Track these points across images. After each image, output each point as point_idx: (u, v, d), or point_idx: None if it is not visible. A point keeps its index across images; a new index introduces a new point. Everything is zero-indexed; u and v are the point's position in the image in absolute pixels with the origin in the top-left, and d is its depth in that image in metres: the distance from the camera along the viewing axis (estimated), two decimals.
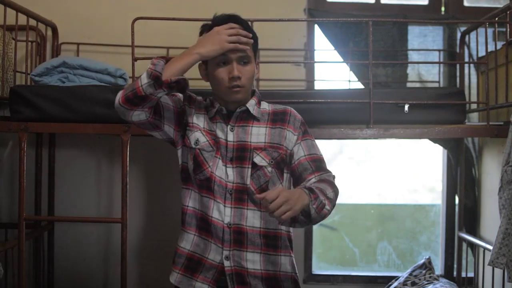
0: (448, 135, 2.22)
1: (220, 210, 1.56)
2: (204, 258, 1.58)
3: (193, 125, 1.61)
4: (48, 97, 2.16)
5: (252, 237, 1.56)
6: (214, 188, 1.56)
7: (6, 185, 2.91)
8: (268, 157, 1.57)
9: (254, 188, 1.56)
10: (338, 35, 2.98)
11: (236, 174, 1.56)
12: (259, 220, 1.57)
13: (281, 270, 1.61)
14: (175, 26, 2.45)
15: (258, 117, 1.61)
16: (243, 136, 1.59)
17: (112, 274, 2.91)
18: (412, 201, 3.87)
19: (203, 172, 1.57)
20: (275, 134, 1.60)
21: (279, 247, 1.60)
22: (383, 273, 3.32)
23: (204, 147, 1.58)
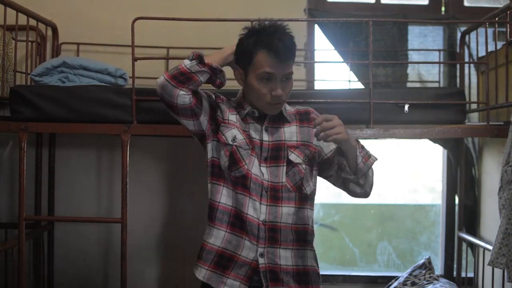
0: (448, 135, 2.22)
1: (255, 207, 1.57)
2: (236, 255, 1.58)
3: (229, 122, 1.63)
4: (48, 97, 2.16)
5: (285, 234, 1.59)
6: (250, 185, 1.58)
7: (6, 185, 2.90)
8: (302, 154, 1.62)
9: (290, 185, 1.60)
10: (338, 35, 2.98)
11: (270, 173, 1.59)
12: (292, 216, 1.60)
13: (308, 264, 1.64)
14: (175, 26, 2.45)
15: (288, 119, 1.66)
16: (278, 136, 1.63)
17: (112, 274, 2.91)
18: (412, 201, 3.88)
19: (240, 169, 1.58)
20: (304, 132, 1.65)
21: (307, 242, 1.64)
22: (383, 273, 3.33)
23: (242, 144, 1.59)
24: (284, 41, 1.52)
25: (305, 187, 1.62)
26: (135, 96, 2.14)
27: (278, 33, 1.54)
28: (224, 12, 2.76)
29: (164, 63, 2.93)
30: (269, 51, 1.51)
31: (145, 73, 2.76)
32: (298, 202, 1.61)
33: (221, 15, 2.29)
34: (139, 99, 2.16)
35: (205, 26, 2.76)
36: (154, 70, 2.89)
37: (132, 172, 2.33)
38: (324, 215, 3.64)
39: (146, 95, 2.18)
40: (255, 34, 1.56)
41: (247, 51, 1.55)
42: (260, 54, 1.53)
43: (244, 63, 1.58)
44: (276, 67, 1.52)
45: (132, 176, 2.44)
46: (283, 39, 1.52)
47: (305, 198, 1.63)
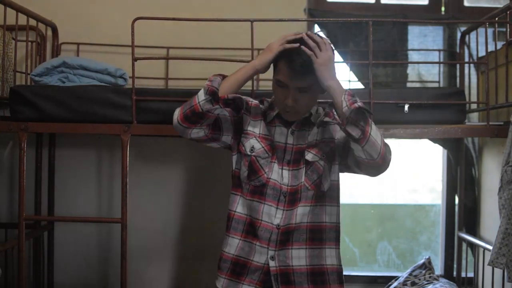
0: (448, 135, 2.22)
1: (270, 213, 1.59)
2: (249, 260, 1.60)
3: (248, 132, 1.65)
4: (48, 97, 2.15)
5: (298, 234, 1.59)
6: (267, 192, 1.59)
7: (6, 185, 2.90)
8: (319, 152, 1.62)
9: (309, 184, 1.60)
10: (338, 35, 2.98)
11: (291, 176, 1.60)
12: (307, 215, 1.60)
13: (327, 263, 1.63)
14: (175, 26, 2.45)
15: (314, 122, 1.66)
16: (302, 139, 1.64)
17: (112, 274, 2.91)
18: (412, 201, 3.88)
19: (259, 178, 1.60)
20: (326, 130, 1.66)
21: (324, 240, 1.62)
22: (383, 273, 3.33)
23: (260, 153, 1.61)
24: (303, 57, 1.52)
25: (323, 184, 1.62)
26: (135, 96, 2.14)
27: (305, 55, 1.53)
28: (224, 12, 2.77)
29: (164, 63, 2.93)
30: (286, 62, 1.54)
31: (145, 73, 2.77)
32: (314, 200, 1.61)
33: (221, 15, 2.29)
34: (139, 99, 2.15)
35: (205, 26, 2.76)
36: (154, 70, 2.90)
37: (132, 172, 2.33)
38: None
39: (146, 95, 2.18)
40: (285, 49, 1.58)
41: (277, 55, 1.59)
42: (281, 63, 1.56)
43: (274, 69, 1.63)
44: (289, 78, 1.53)
45: (132, 176, 2.44)
46: (303, 55, 1.52)
47: (323, 195, 1.62)
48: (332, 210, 1.65)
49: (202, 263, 2.87)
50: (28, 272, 2.82)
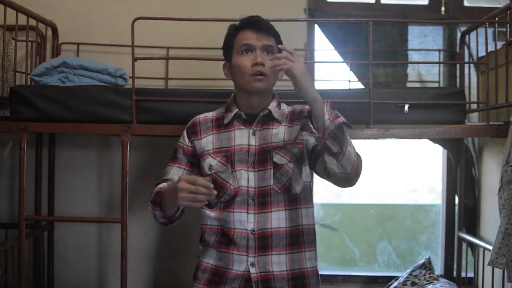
0: (448, 135, 2.22)
1: (241, 219, 1.57)
2: (228, 270, 1.58)
3: (203, 153, 1.64)
4: (48, 97, 2.15)
5: (277, 239, 1.57)
6: (236, 199, 1.57)
7: (6, 185, 2.90)
8: (288, 154, 1.59)
9: (278, 187, 1.58)
10: (338, 35, 2.97)
11: (258, 178, 1.58)
12: (285, 220, 1.58)
13: (307, 266, 1.62)
14: (175, 26, 2.45)
15: (279, 119, 1.64)
16: (265, 139, 1.61)
17: (112, 274, 2.91)
18: (412, 201, 3.88)
19: (227, 192, 1.59)
20: (294, 130, 1.63)
21: (302, 243, 1.61)
22: (383, 273, 3.32)
23: (218, 168, 1.60)
24: (261, 18, 1.59)
25: (294, 187, 1.59)
26: (135, 96, 2.14)
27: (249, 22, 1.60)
28: (224, 12, 2.76)
29: (164, 63, 2.93)
30: (246, 27, 1.58)
31: (145, 73, 2.77)
32: (288, 204, 1.59)
33: (221, 15, 2.29)
34: (139, 99, 2.15)
35: (205, 26, 2.75)
36: (154, 70, 2.90)
37: (132, 172, 2.34)
38: (324, 215, 3.64)
39: (146, 95, 2.18)
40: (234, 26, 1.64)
41: (229, 39, 1.63)
42: (239, 34, 1.59)
43: (228, 52, 1.64)
44: (254, 38, 1.56)
45: (132, 176, 2.45)
46: (260, 18, 1.60)
47: (296, 198, 1.61)
48: (308, 212, 1.63)
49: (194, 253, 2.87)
50: (28, 272, 2.81)
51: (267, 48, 1.58)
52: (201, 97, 2.17)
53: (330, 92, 2.32)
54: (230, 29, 1.66)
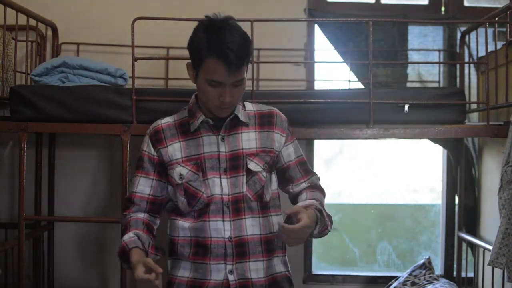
0: (448, 135, 2.22)
1: (218, 227, 1.53)
2: (206, 280, 1.54)
3: (171, 162, 1.57)
4: (48, 97, 2.16)
5: (253, 246, 1.55)
6: (211, 208, 1.53)
7: (6, 185, 2.90)
8: (262, 162, 1.57)
9: (251, 195, 1.55)
10: (338, 35, 2.97)
11: (231, 184, 1.54)
12: (259, 227, 1.56)
13: (276, 271, 1.60)
14: (175, 26, 2.44)
15: (246, 122, 1.59)
16: (235, 145, 1.56)
17: (112, 274, 2.91)
18: (412, 201, 3.88)
19: (200, 200, 1.54)
20: (264, 138, 1.59)
21: (273, 250, 1.60)
22: (383, 273, 3.32)
23: (190, 177, 1.54)
24: (234, 48, 1.41)
25: (265, 195, 1.58)
26: (135, 96, 2.14)
27: (227, 37, 1.42)
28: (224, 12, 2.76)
29: (164, 63, 2.93)
30: (218, 59, 1.41)
31: (145, 73, 2.77)
32: (261, 211, 1.57)
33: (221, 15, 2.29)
34: (139, 99, 2.16)
35: None
36: (154, 70, 2.90)
37: (132, 172, 2.33)
38: None
39: (146, 95, 2.19)
40: (204, 32, 1.46)
41: (197, 53, 1.46)
42: (210, 60, 1.43)
43: (194, 63, 1.50)
44: (225, 76, 1.43)
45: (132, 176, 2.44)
46: (233, 46, 1.41)
47: (266, 205, 1.59)
48: (276, 219, 1.61)
49: None
50: (28, 272, 2.81)
51: (236, 84, 1.47)
52: None
53: (330, 92, 2.32)
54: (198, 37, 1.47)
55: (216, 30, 1.45)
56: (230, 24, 1.48)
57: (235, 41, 1.43)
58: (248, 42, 1.49)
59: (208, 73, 1.45)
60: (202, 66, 1.46)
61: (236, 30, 1.47)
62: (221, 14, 1.52)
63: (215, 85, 1.46)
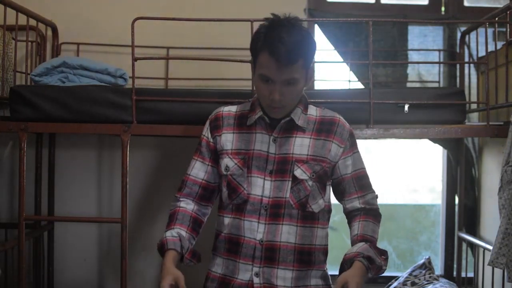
0: (448, 135, 2.22)
1: (252, 228, 1.52)
2: (234, 278, 1.55)
3: (222, 152, 1.58)
4: (48, 97, 2.15)
5: (285, 254, 1.52)
6: (247, 207, 1.52)
7: (6, 185, 2.90)
8: (309, 170, 1.52)
9: (294, 202, 1.52)
10: (338, 35, 2.98)
11: (274, 187, 1.52)
12: (295, 235, 1.53)
13: (311, 284, 1.57)
14: (175, 26, 2.45)
15: (303, 127, 1.55)
16: (286, 148, 1.53)
17: (112, 275, 2.91)
18: (412, 201, 3.88)
19: (240, 195, 1.54)
20: (319, 146, 1.54)
21: (312, 263, 1.57)
22: None
23: (234, 171, 1.54)
24: (287, 43, 1.39)
25: (311, 205, 1.54)
26: (135, 96, 2.14)
27: (283, 32, 1.42)
28: (224, 12, 2.77)
29: (164, 63, 2.93)
30: (269, 54, 1.41)
31: (145, 73, 2.77)
32: (301, 221, 1.53)
33: (221, 15, 2.29)
34: (139, 99, 2.15)
35: (205, 26, 2.76)
36: (154, 70, 2.90)
37: (132, 172, 2.33)
38: None
39: (146, 95, 2.18)
40: (265, 28, 1.48)
41: (254, 47, 1.48)
42: (262, 55, 1.44)
43: (252, 59, 1.51)
44: (275, 71, 1.42)
45: (132, 176, 2.45)
46: (286, 42, 1.40)
47: (312, 216, 1.55)
48: (323, 232, 1.60)
49: (202, 262, 2.87)
50: (28, 272, 2.81)
51: (288, 81, 1.44)
52: (201, 97, 2.17)
53: (330, 92, 2.32)
54: (259, 34, 1.48)
55: (276, 26, 1.46)
56: (292, 22, 1.47)
57: (291, 37, 1.41)
58: (308, 41, 1.46)
59: (260, 67, 1.45)
60: (257, 60, 1.47)
61: (297, 28, 1.46)
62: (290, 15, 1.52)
63: (266, 81, 1.45)
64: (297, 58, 1.42)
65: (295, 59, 1.41)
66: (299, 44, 1.42)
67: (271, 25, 1.48)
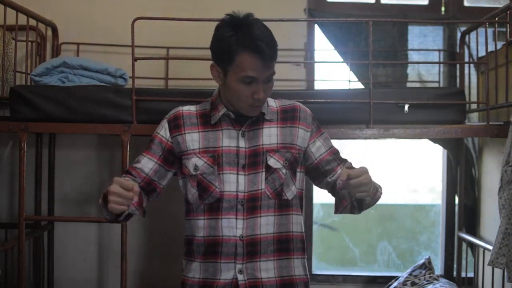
0: (448, 135, 2.22)
1: (230, 225, 1.50)
2: (216, 280, 1.52)
3: (188, 152, 1.53)
4: (48, 97, 2.16)
5: (265, 245, 1.51)
6: (223, 206, 1.50)
7: (6, 185, 2.91)
8: (282, 159, 1.52)
9: (270, 192, 1.51)
10: (338, 35, 2.98)
11: (248, 181, 1.50)
12: (273, 225, 1.52)
13: (296, 274, 1.56)
14: (175, 26, 2.45)
15: (270, 119, 1.55)
16: (255, 140, 1.53)
17: (112, 274, 2.91)
18: (412, 201, 3.88)
19: (212, 194, 1.51)
20: (286, 133, 1.55)
21: (291, 250, 1.56)
22: (383, 273, 3.33)
23: (204, 170, 1.51)
24: (265, 40, 1.40)
25: (286, 193, 1.53)
26: (135, 96, 2.14)
27: (256, 30, 1.41)
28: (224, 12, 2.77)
29: (164, 63, 2.93)
30: (253, 53, 1.38)
31: (145, 73, 2.77)
32: (278, 210, 1.53)
33: (221, 15, 2.28)
34: (139, 99, 2.16)
35: (205, 26, 2.74)
36: (154, 70, 2.90)
37: None
38: (324, 215, 3.64)
39: (146, 95, 2.19)
40: (230, 29, 1.43)
41: (226, 51, 1.42)
42: (243, 56, 1.40)
43: (223, 62, 1.45)
44: (260, 70, 1.41)
45: None
46: (264, 38, 1.40)
47: (287, 204, 1.55)
48: (298, 219, 1.58)
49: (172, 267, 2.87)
50: (28, 272, 2.82)
51: (268, 78, 1.45)
52: (201, 97, 2.17)
53: (330, 92, 2.32)
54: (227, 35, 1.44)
55: (242, 25, 1.43)
56: (254, 19, 1.47)
57: (265, 34, 1.43)
58: (272, 35, 1.47)
59: (242, 69, 1.41)
60: (234, 64, 1.42)
61: (261, 24, 1.46)
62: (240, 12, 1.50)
63: (248, 82, 1.42)
64: (276, 52, 1.45)
65: (276, 53, 1.44)
66: (272, 39, 1.45)
67: (235, 24, 1.44)
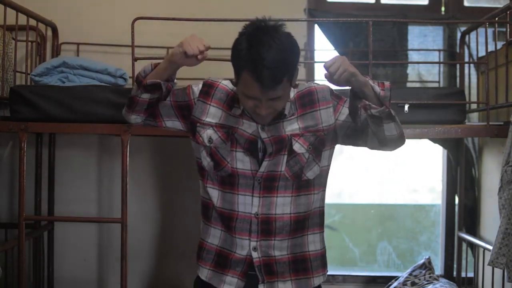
0: (448, 135, 2.22)
1: (246, 202, 1.51)
2: (232, 253, 1.55)
3: (205, 122, 1.55)
4: (48, 97, 2.16)
5: (280, 225, 1.52)
6: (239, 181, 1.52)
7: (6, 185, 2.91)
8: (306, 143, 1.52)
9: (289, 175, 1.51)
10: (338, 35, 2.98)
11: (269, 164, 1.51)
12: (289, 206, 1.52)
13: (309, 249, 1.58)
14: (175, 26, 2.45)
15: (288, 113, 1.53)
16: (277, 131, 1.52)
17: (112, 274, 2.91)
18: (412, 201, 3.88)
19: (224, 169, 1.52)
20: (308, 118, 1.53)
21: (306, 227, 1.56)
22: (383, 273, 3.33)
23: (218, 143, 1.53)
24: (269, 64, 1.32)
25: (305, 174, 1.53)
26: None
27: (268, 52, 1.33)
28: (224, 12, 2.77)
29: None
30: (252, 75, 1.34)
31: None
32: (296, 191, 1.53)
33: (221, 15, 2.29)
34: None
35: (205, 26, 2.75)
36: None
37: (131, 171, 2.33)
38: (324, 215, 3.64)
39: None
40: (247, 41, 1.39)
41: (236, 62, 1.41)
42: (245, 74, 1.36)
43: (234, 68, 1.44)
44: (259, 93, 1.37)
45: (132, 175, 2.45)
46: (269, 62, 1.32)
47: (307, 183, 1.54)
48: (318, 196, 1.58)
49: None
50: (28, 272, 2.82)
51: (273, 99, 1.40)
52: None
53: None
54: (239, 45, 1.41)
55: (257, 41, 1.37)
56: (274, 35, 1.38)
57: (273, 57, 1.34)
58: (290, 54, 1.40)
59: (244, 86, 1.39)
60: (240, 76, 1.40)
61: (279, 43, 1.37)
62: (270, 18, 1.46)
63: (250, 98, 1.41)
64: (281, 79, 1.36)
65: (279, 80, 1.36)
66: (282, 62, 1.36)
67: (253, 37, 1.39)
